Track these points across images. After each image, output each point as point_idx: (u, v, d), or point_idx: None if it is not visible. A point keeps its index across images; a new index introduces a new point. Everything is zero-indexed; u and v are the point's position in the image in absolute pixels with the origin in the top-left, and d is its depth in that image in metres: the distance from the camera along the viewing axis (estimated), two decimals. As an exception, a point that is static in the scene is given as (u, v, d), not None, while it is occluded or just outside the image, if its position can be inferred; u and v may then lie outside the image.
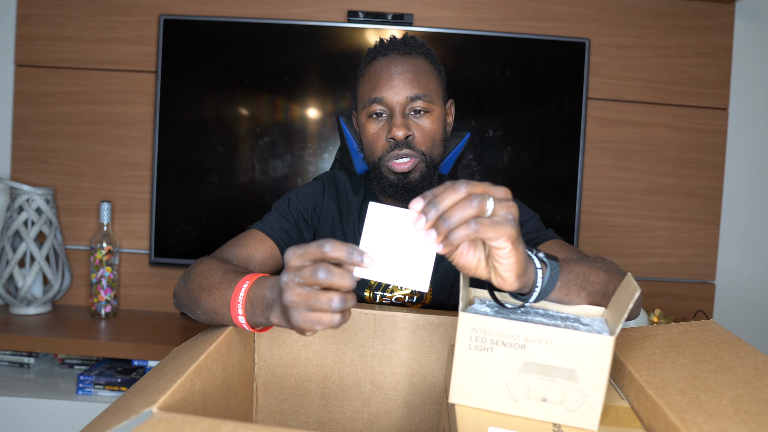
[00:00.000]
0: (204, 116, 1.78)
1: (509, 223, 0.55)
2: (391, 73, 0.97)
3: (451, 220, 0.54)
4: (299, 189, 1.08)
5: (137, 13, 1.81)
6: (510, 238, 0.55)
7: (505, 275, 0.57)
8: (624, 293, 0.57)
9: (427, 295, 1.02)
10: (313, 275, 0.56)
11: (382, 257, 0.57)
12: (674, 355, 0.65)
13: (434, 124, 0.98)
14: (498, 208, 0.55)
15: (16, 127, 1.83)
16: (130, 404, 0.52)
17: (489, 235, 0.54)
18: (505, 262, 0.56)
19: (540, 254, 0.63)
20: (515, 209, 0.56)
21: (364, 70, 1.03)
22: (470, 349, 0.56)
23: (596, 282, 0.70)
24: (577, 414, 0.54)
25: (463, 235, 0.54)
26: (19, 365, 1.67)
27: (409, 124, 0.96)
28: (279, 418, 0.83)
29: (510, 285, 0.58)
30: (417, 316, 0.79)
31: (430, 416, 0.81)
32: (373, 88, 0.98)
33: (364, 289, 1.01)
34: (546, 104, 1.78)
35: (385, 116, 0.98)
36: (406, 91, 0.96)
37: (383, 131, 0.98)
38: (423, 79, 0.97)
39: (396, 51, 0.99)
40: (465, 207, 0.54)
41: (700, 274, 1.87)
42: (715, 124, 1.84)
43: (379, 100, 0.96)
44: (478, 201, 0.54)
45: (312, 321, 0.57)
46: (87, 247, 1.85)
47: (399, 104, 0.96)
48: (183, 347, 0.73)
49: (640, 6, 1.82)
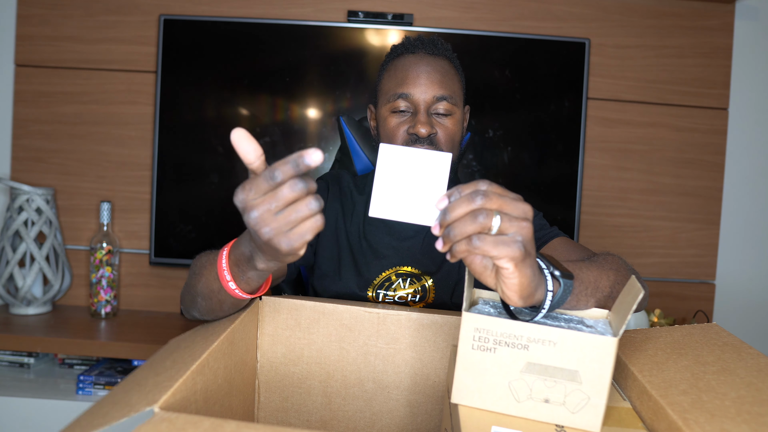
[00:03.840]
0: (204, 116, 1.78)
1: (515, 244, 0.52)
2: (419, 71, 0.97)
3: (454, 232, 0.53)
4: None
5: (137, 13, 1.81)
6: (513, 260, 0.52)
7: (508, 293, 0.56)
8: (628, 295, 0.57)
9: (429, 294, 1.02)
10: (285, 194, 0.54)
11: (394, 196, 0.57)
12: (677, 356, 0.65)
13: (455, 126, 0.99)
14: (507, 227, 0.53)
15: (16, 127, 1.83)
16: (129, 398, 0.52)
17: (492, 254, 0.52)
18: (508, 282, 0.55)
19: (556, 272, 0.60)
20: (527, 230, 0.53)
21: (389, 65, 1.03)
22: (473, 349, 0.56)
23: (606, 286, 0.70)
24: (580, 415, 0.54)
25: (462, 250, 0.53)
26: (19, 365, 1.67)
27: (433, 122, 0.97)
28: (281, 416, 0.83)
29: (514, 302, 0.57)
30: (421, 316, 0.79)
31: (433, 416, 0.81)
32: (399, 84, 0.97)
33: (367, 289, 1.01)
34: (546, 104, 1.78)
35: (408, 113, 0.98)
36: (434, 90, 0.96)
37: (405, 125, 0.97)
38: (449, 81, 0.98)
39: (424, 50, 0.99)
40: (468, 222, 0.52)
41: (700, 274, 1.87)
42: (715, 124, 1.84)
43: (405, 95, 0.96)
44: (483, 218, 0.52)
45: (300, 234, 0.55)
46: (87, 247, 1.85)
47: (425, 102, 0.96)
48: (182, 339, 0.72)
49: (640, 6, 1.82)
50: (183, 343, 0.72)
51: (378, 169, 0.57)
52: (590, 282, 0.68)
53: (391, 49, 1.05)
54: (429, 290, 1.02)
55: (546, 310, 0.59)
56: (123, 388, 0.56)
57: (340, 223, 1.05)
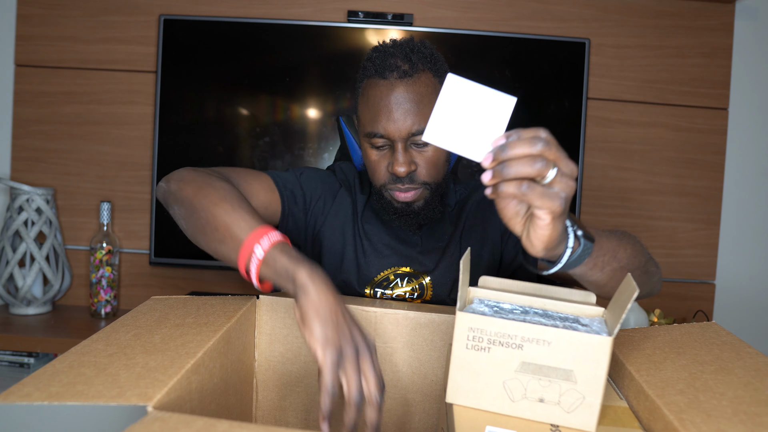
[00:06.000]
0: (204, 116, 1.78)
1: (559, 200, 0.55)
2: (391, 105, 0.89)
3: (509, 170, 0.54)
4: (315, 171, 1.05)
5: (137, 13, 1.81)
6: (553, 213, 0.56)
7: (534, 242, 0.59)
8: (623, 293, 0.57)
9: (427, 292, 1.02)
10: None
11: (451, 126, 0.58)
12: (675, 355, 0.65)
13: (437, 152, 0.93)
14: (557, 181, 0.55)
15: (16, 127, 1.83)
16: (118, 381, 0.52)
17: (535, 203, 0.55)
18: (539, 232, 0.58)
19: (579, 232, 0.63)
20: (572, 189, 0.56)
21: (363, 88, 0.96)
22: (467, 348, 0.56)
23: (623, 257, 0.72)
24: (575, 415, 0.54)
25: (510, 192, 0.55)
26: (19, 365, 1.67)
27: (412, 156, 0.92)
28: (279, 415, 0.83)
29: (535, 252, 0.60)
30: (418, 314, 0.79)
31: (430, 414, 0.81)
32: (373, 120, 0.92)
33: (365, 286, 1.01)
34: (546, 104, 1.78)
35: (386, 147, 0.94)
36: (408, 125, 0.89)
37: (384, 160, 0.94)
38: (425, 108, 0.90)
39: (397, 73, 0.90)
40: (526, 164, 0.54)
41: (700, 274, 1.87)
42: (715, 124, 1.84)
43: (380, 134, 0.91)
44: (541, 165, 0.54)
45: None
46: (87, 247, 1.85)
47: (401, 138, 0.90)
48: (169, 306, 0.71)
49: (640, 6, 1.82)
50: (171, 314, 0.71)
51: (441, 96, 0.58)
52: (608, 250, 0.70)
53: (364, 63, 0.96)
54: (426, 288, 1.02)
55: (561, 265, 0.63)
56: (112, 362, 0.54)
57: (348, 217, 1.04)
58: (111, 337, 0.64)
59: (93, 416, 0.50)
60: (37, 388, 0.51)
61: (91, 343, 0.62)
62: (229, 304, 0.79)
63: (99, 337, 0.64)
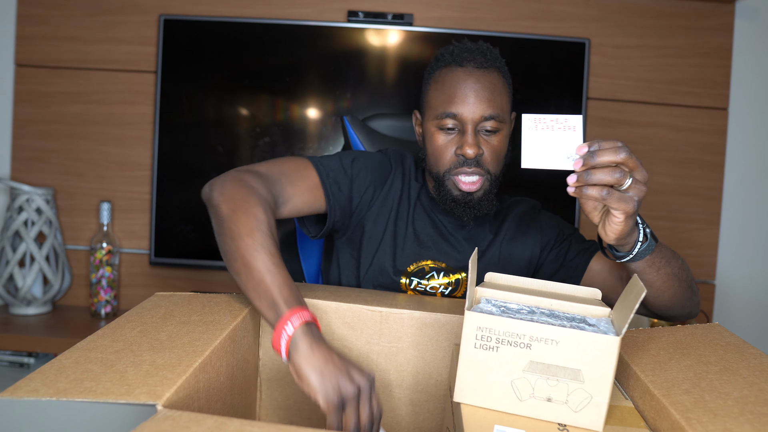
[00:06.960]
0: (204, 116, 1.78)
1: (633, 203, 0.70)
2: (467, 89, 0.95)
3: (594, 177, 0.68)
4: (366, 158, 1.05)
5: (137, 13, 1.81)
6: (626, 213, 0.70)
7: (609, 233, 0.74)
8: (630, 293, 0.58)
9: (461, 287, 1.03)
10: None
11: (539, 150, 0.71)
12: (679, 356, 0.66)
13: (502, 142, 0.99)
14: (632, 187, 0.70)
15: (16, 127, 1.83)
16: (126, 378, 0.52)
17: (613, 206, 0.70)
18: (614, 226, 0.73)
19: (648, 230, 0.79)
20: (643, 193, 0.71)
21: (437, 76, 1.00)
22: (475, 348, 0.56)
23: (675, 266, 0.84)
24: (582, 414, 0.55)
25: (592, 195, 0.69)
26: (19, 365, 1.67)
27: (480, 141, 0.96)
28: (282, 414, 0.83)
29: (608, 240, 0.76)
30: (424, 314, 0.79)
31: (435, 414, 0.81)
32: (447, 101, 0.96)
33: (401, 275, 1.02)
34: (546, 104, 1.78)
35: (456, 130, 0.97)
36: (482, 109, 0.94)
37: (452, 145, 0.97)
38: (497, 97, 0.96)
39: (474, 63, 0.97)
40: (608, 174, 0.67)
41: (700, 274, 1.87)
42: (715, 124, 1.84)
43: (453, 115, 0.95)
44: (620, 175, 0.68)
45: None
46: (87, 247, 1.85)
47: (473, 122, 0.94)
48: (174, 302, 0.70)
49: (640, 6, 1.82)
50: (176, 311, 0.71)
51: (524, 131, 0.71)
52: (665, 255, 0.83)
53: (439, 56, 1.02)
54: (461, 283, 1.03)
55: (633, 256, 0.78)
56: (119, 359, 0.53)
57: (395, 203, 1.05)
58: (117, 333, 0.64)
59: (101, 413, 0.50)
60: (44, 384, 0.51)
61: (96, 339, 0.62)
62: (233, 303, 0.79)
63: (104, 332, 0.64)
